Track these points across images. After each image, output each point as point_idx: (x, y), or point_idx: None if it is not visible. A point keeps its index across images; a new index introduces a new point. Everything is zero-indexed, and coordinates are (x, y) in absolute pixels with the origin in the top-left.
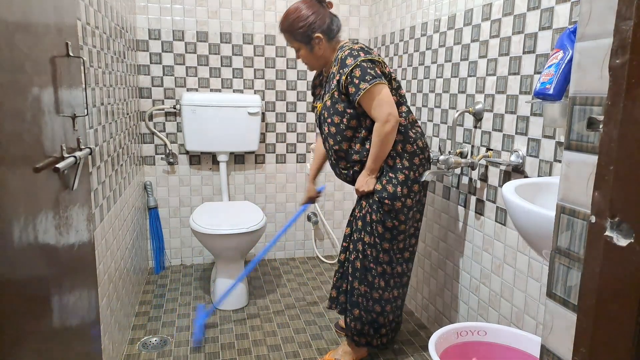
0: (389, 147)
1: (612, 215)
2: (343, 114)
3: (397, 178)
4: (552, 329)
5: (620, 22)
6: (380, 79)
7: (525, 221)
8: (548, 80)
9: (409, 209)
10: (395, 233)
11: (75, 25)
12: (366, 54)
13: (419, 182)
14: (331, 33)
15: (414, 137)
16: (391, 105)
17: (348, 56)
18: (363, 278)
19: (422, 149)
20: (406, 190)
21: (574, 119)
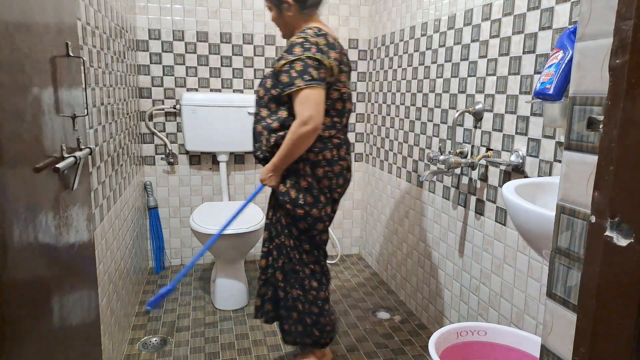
0: (299, 151)
1: (612, 215)
2: (267, 91)
3: (299, 184)
4: (552, 329)
5: (620, 22)
6: (319, 82)
7: (525, 221)
8: (548, 80)
9: (315, 220)
10: (311, 234)
11: (75, 25)
12: (317, 52)
13: (326, 194)
14: (303, 3)
15: (320, 147)
16: (317, 109)
17: (299, 45)
18: (294, 282)
19: (329, 162)
20: (310, 198)
21: (574, 119)
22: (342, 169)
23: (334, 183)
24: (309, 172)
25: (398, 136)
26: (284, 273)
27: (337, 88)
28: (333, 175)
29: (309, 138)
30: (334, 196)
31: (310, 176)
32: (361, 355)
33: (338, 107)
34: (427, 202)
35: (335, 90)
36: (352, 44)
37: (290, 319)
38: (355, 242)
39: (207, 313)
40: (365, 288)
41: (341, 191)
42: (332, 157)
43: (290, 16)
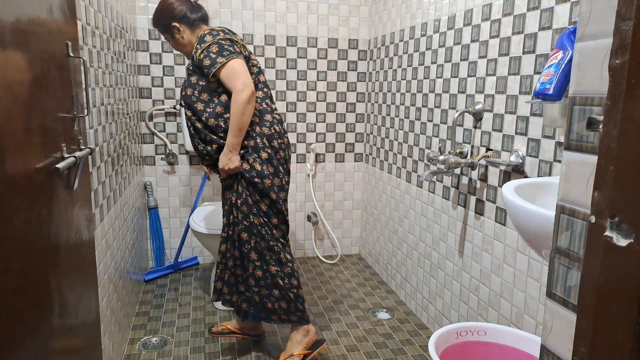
0: (247, 118)
1: (612, 215)
2: (195, 86)
3: (261, 157)
4: (552, 329)
5: (620, 22)
6: (238, 55)
7: (525, 221)
8: (548, 80)
9: (279, 188)
10: (277, 207)
11: (76, 25)
12: (226, 34)
13: (283, 165)
14: (189, 21)
15: (270, 121)
16: (246, 75)
17: (207, 34)
18: (269, 259)
19: (280, 134)
20: (272, 168)
21: (574, 119)
22: (288, 141)
23: (287, 154)
24: (267, 144)
25: (398, 136)
26: (258, 252)
27: (254, 64)
28: (285, 147)
29: (250, 102)
30: (288, 167)
31: (269, 148)
32: (361, 355)
33: (262, 80)
34: (427, 202)
35: (253, 65)
36: (352, 44)
37: (272, 297)
38: (355, 242)
39: (207, 313)
40: (365, 288)
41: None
42: (280, 130)
43: (184, 36)
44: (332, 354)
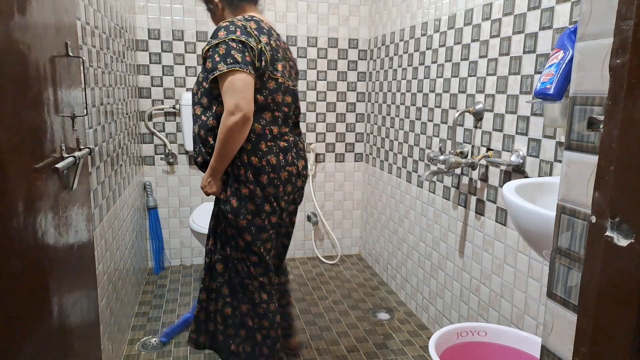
0: (232, 146)
1: (613, 216)
2: (200, 85)
3: (241, 191)
4: (553, 330)
5: (620, 22)
6: (243, 66)
7: (526, 221)
8: (548, 80)
9: (259, 229)
10: (253, 249)
11: (75, 25)
12: (242, 35)
13: (272, 202)
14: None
15: (265, 150)
16: (244, 96)
17: (223, 28)
18: (242, 296)
19: (274, 168)
20: (252, 206)
21: (575, 119)
22: (291, 176)
23: (281, 191)
24: (252, 179)
25: (398, 136)
26: (230, 287)
27: (274, 77)
28: (280, 183)
29: (240, 131)
30: (280, 204)
31: (253, 183)
32: (361, 355)
33: (278, 100)
34: (427, 202)
35: (272, 79)
36: (352, 44)
37: (238, 338)
38: (355, 242)
39: None
40: (365, 288)
41: (289, 199)
42: (277, 163)
43: (222, 15)
44: (332, 354)
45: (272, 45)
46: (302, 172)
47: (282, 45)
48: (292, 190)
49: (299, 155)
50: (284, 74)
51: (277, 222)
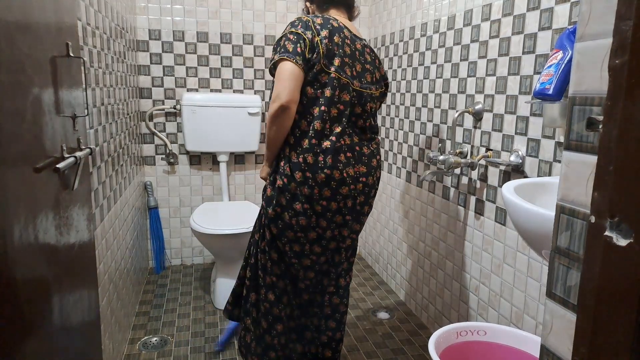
0: (273, 134)
1: (612, 215)
2: None
3: (276, 183)
4: (552, 329)
5: (619, 22)
6: (291, 56)
7: (525, 221)
8: (548, 80)
9: (286, 226)
10: (282, 243)
11: (76, 25)
12: (302, 28)
13: (302, 202)
14: (319, 3)
15: (305, 148)
16: (285, 86)
17: (290, 24)
18: (254, 285)
19: (310, 167)
20: (283, 200)
21: (574, 119)
22: (330, 180)
23: (316, 193)
24: (288, 173)
25: (398, 136)
26: (251, 272)
27: (327, 71)
28: (315, 184)
29: (278, 118)
30: (315, 208)
31: (288, 177)
32: (361, 355)
33: (327, 95)
34: (426, 202)
35: (325, 73)
36: None
37: (244, 323)
38: None
39: (207, 313)
40: (365, 288)
41: (329, 206)
42: (314, 162)
43: None
44: None
45: (333, 41)
46: (355, 179)
47: (356, 46)
48: (332, 196)
49: (356, 161)
50: (343, 71)
51: (309, 225)
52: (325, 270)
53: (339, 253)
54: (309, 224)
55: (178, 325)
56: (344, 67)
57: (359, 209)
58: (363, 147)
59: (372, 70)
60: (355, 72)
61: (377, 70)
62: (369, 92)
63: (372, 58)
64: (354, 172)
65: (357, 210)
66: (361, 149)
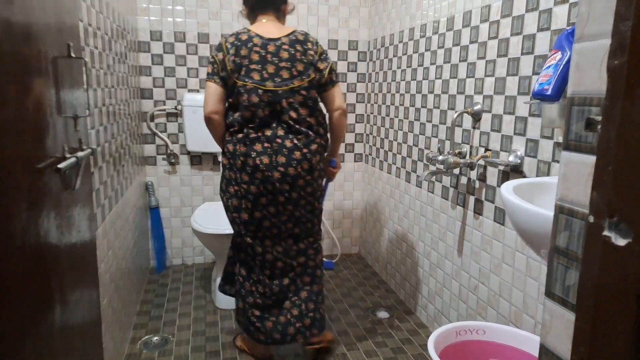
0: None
1: (611, 215)
2: None
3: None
4: (551, 328)
5: (618, 23)
6: (212, 77)
7: (524, 221)
8: (546, 81)
9: (226, 207)
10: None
11: (77, 26)
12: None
13: (232, 184)
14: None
15: (227, 140)
16: (207, 101)
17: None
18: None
19: (232, 154)
20: (223, 185)
21: (572, 120)
22: (244, 165)
23: (238, 177)
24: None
25: (397, 137)
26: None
27: (236, 82)
28: (236, 169)
29: (207, 125)
30: (240, 191)
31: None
32: (361, 354)
33: (241, 101)
34: (426, 202)
35: (235, 83)
36: (351, 45)
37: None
38: (355, 241)
39: (207, 312)
40: (364, 287)
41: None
42: (233, 151)
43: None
44: (332, 352)
45: (240, 54)
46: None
47: (268, 49)
48: (250, 180)
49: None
50: (250, 77)
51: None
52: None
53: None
54: (240, 204)
55: (179, 324)
56: (250, 74)
57: (287, 196)
58: (285, 140)
59: (290, 67)
60: (266, 74)
61: (299, 63)
62: (286, 87)
63: (291, 54)
64: (270, 160)
65: (287, 197)
66: (283, 141)
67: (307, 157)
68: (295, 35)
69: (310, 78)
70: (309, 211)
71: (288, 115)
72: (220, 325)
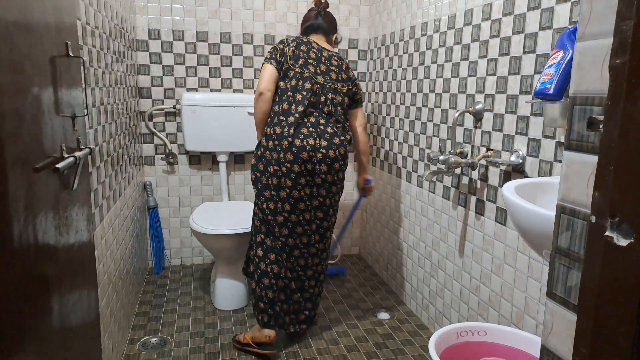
0: (255, 116)
1: (612, 215)
2: None
3: (256, 153)
4: (553, 329)
5: (620, 22)
6: (269, 60)
7: (526, 221)
8: (548, 80)
9: (264, 186)
10: (261, 201)
11: (75, 25)
12: (278, 43)
13: (273, 164)
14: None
15: (275, 122)
16: (261, 80)
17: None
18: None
19: (277, 136)
20: (261, 165)
21: (574, 119)
22: (291, 146)
23: (282, 157)
24: (263, 143)
25: (398, 136)
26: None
27: (293, 68)
28: (280, 149)
29: (257, 103)
30: (282, 169)
31: (263, 146)
32: (361, 355)
33: (292, 84)
34: (427, 202)
35: (291, 69)
36: (352, 44)
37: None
38: (355, 242)
39: (207, 313)
40: (365, 288)
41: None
42: (281, 132)
43: None
44: (332, 353)
45: (300, 48)
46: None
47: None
48: (294, 159)
49: (318, 135)
50: (306, 68)
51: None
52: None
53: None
54: (279, 184)
55: (178, 325)
56: (307, 65)
57: (324, 177)
58: (327, 127)
59: (338, 72)
60: (319, 70)
61: (344, 73)
62: (332, 85)
63: (339, 64)
64: (314, 142)
65: (323, 179)
66: (325, 128)
67: (343, 143)
68: (337, 54)
69: (349, 87)
70: (333, 205)
71: (328, 107)
72: (219, 326)
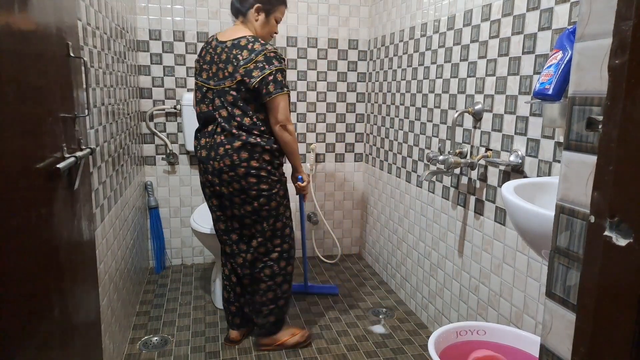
0: None
1: (612, 215)
2: None
3: None
4: (552, 329)
5: (619, 22)
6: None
7: (525, 221)
8: (547, 80)
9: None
10: None
11: (76, 25)
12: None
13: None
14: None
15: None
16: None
17: None
18: None
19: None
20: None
21: (574, 119)
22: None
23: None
24: None
25: (398, 136)
26: None
27: (196, 80)
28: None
29: None
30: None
31: None
32: (361, 354)
33: (197, 97)
34: (426, 202)
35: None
36: (352, 45)
37: None
38: (355, 242)
39: (207, 312)
40: (365, 288)
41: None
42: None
43: None
44: (332, 353)
45: (201, 55)
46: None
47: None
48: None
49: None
50: (200, 76)
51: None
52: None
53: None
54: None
55: (178, 325)
56: (202, 73)
57: (218, 189)
58: (219, 136)
59: (224, 68)
60: (211, 73)
61: (230, 65)
62: (221, 87)
63: (227, 56)
64: (207, 154)
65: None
66: (217, 137)
67: (228, 153)
68: (240, 40)
69: (238, 80)
70: (250, 212)
71: (223, 112)
72: (220, 325)
